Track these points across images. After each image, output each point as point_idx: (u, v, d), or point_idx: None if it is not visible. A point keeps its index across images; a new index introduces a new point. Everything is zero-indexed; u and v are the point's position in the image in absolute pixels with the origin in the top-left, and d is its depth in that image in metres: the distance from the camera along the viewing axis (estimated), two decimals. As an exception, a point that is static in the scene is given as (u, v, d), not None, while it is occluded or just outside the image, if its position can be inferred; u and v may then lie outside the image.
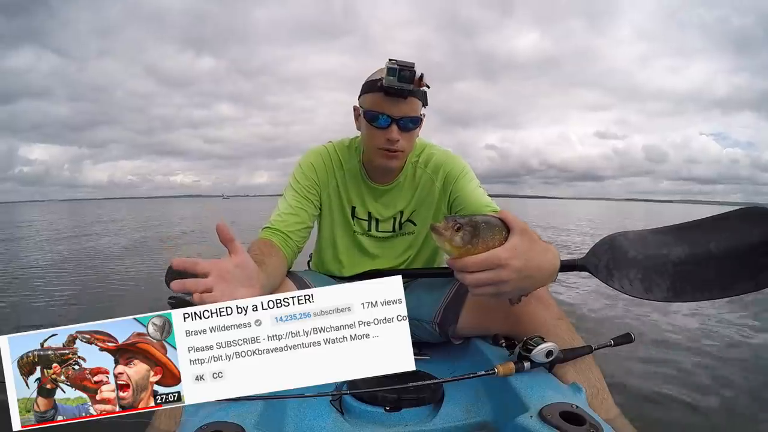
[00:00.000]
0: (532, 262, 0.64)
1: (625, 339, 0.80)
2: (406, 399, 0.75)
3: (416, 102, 0.93)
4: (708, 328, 1.77)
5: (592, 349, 0.76)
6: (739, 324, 1.80)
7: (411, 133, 0.95)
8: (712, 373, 1.32)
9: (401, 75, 0.86)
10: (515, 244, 0.63)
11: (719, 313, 1.97)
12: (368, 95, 0.94)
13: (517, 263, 0.62)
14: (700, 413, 1.09)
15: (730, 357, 1.46)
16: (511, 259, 0.61)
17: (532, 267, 0.64)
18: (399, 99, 0.90)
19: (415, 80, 0.87)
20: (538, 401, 0.62)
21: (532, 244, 0.65)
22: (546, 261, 0.67)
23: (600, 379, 0.77)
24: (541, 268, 0.66)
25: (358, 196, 1.07)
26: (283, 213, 0.99)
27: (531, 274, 0.64)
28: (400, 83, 0.86)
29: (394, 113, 0.91)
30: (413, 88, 0.88)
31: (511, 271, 0.61)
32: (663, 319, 1.93)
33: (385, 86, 0.88)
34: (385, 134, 0.93)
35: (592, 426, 0.56)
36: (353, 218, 1.08)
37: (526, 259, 0.63)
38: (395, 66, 0.85)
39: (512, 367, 0.68)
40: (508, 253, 0.61)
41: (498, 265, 0.61)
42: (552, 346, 0.70)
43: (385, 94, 0.89)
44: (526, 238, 0.64)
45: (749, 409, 1.10)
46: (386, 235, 1.09)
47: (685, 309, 2.02)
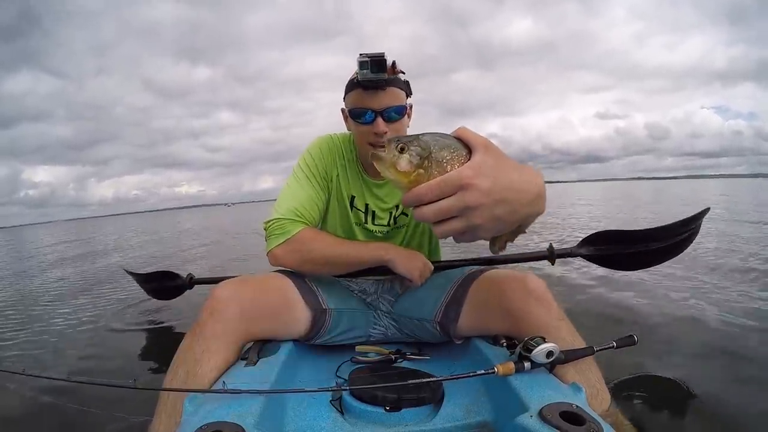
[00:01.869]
0: (505, 181, 0.49)
1: (628, 341, 0.79)
2: (406, 399, 0.75)
3: (397, 91, 0.93)
4: (715, 332, 1.76)
5: (593, 350, 0.76)
6: (745, 326, 1.79)
7: (397, 123, 0.95)
8: (714, 375, 1.31)
9: (373, 66, 0.87)
10: (479, 160, 0.49)
11: (725, 316, 1.95)
12: (350, 94, 0.96)
13: (485, 183, 0.47)
14: (701, 414, 1.08)
15: (735, 361, 1.45)
16: (476, 178, 0.47)
17: (507, 188, 0.49)
18: (378, 91, 0.91)
19: (388, 69, 0.88)
20: (538, 401, 0.62)
21: (500, 161, 0.50)
22: (524, 180, 0.52)
23: (600, 380, 0.77)
24: (519, 189, 0.51)
25: (357, 187, 1.08)
26: (305, 202, 1.01)
27: (505, 196, 0.49)
28: (374, 74, 0.87)
29: (376, 106, 0.92)
30: (388, 77, 0.89)
31: (479, 193, 0.47)
32: (668, 321, 1.92)
33: (361, 81, 0.89)
34: (371, 129, 0.94)
35: (592, 426, 0.55)
36: (352, 208, 1.09)
37: (496, 177, 0.48)
38: (366, 59, 0.86)
39: (512, 367, 0.68)
40: (471, 172, 0.47)
41: (460, 186, 0.46)
42: (553, 346, 0.70)
43: (364, 89, 0.91)
44: (492, 153, 0.50)
45: (752, 413, 1.09)
46: (382, 228, 1.09)
47: (691, 312, 2.00)
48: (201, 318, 0.81)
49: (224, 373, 0.78)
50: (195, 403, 0.66)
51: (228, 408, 0.62)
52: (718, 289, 2.39)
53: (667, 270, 2.72)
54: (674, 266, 2.74)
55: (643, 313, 2.05)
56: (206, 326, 0.80)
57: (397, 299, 1.07)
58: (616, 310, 2.11)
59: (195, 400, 0.66)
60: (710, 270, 2.87)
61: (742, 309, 2.07)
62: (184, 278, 1.82)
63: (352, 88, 0.94)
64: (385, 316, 1.07)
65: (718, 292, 2.31)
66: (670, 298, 2.26)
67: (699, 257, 3.15)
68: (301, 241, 0.96)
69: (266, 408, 0.65)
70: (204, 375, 0.75)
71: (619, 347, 0.78)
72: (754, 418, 1.06)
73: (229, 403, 0.63)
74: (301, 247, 0.96)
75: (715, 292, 2.35)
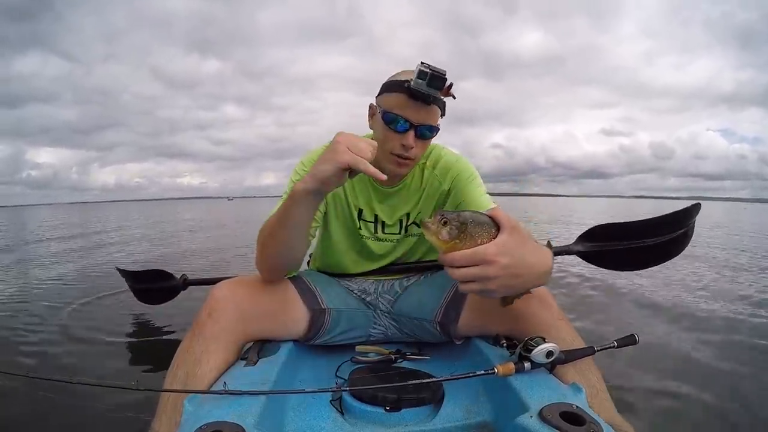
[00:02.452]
0: (521, 260, 0.63)
1: (628, 340, 0.79)
2: (406, 399, 0.75)
3: (437, 111, 0.89)
4: (715, 332, 1.75)
5: (594, 350, 0.76)
6: (747, 327, 1.78)
7: (426, 141, 0.92)
8: (716, 376, 1.31)
9: (432, 80, 0.81)
10: (503, 240, 0.62)
11: (727, 315, 1.95)
12: (390, 95, 0.88)
13: (504, 260, 0.61)
14: (702, 415, 1.08)
15: (736, 360, 1.45)
16: (498, 256, 0.61)
17: (521, 265, 0.63)
18: (423, 104, 0.85)
19: (444, 88, 0.83)
20: (538, 401, 0.62)
21: (521, 242, 0.64)
22: (537, 260, 0.66)
23: (600, 380, 0.76)
24: (531, 267, 0.65)
25: (365, 197, 1.05)
26: None
27: (519, 272, 0.63)
28: (428, 88, 0.82)
29: (415, 119, 0.86)
30: (440, 96, 0.85)
31: (498, 267, 0.61)
32: (670, 320, 1.92)
33: (412, 88, 0.82)
34: (401, 139, 0.88)
35: (591, 426, 0.55)
36: (360, 220, 1.06)
37: (515, 257, 0.62)
38: (427, 70, 0.80)
39: (512, 367, 0.68)
40: (495, 249, 0.61)
41: (484, 260, 0.60)
42: (553, 346, 0.69)
43: (410, 97, 0.84)
44: (516, 236, 0.63)
45: (753, 412, 1.09)
46: (393, 237, 1.08)
47: (693, 311, 2.00)
48: (200, 318, 0.81)
49: (224, 374, 0.78)
50: (195, 403, 0.66)
51: (228, 408, 0.62)
52: (720, 287, 2.38)
53: (666, 270, 2.72)
54: (675, 267, 2.74)
55: (643, 312, 2.04)
56: (205, 327, 0.80)
57: (397, 299, 1.07)
58: (617, 309, 2.10)
59: (195, 401, 0.66)
60: (710, 267, 2.87)
61: (743, 308, 2.07)
62: (177, 279, 1.77)
63: (396, 90, 0.87)
64: (385, 315, 1.07)
65: (718, 290, 2.30)
66: (670, 298, 2.25)
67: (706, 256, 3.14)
68: (258, 243, 0.87)
69: (266, 408, 0.65)
70: (204, 375, 0.75)
71: (620, 346, 0.77)
72: (753, 417, 1.06)
73: (229, 403, 0.63)
74: (258, 246, 0.87)
75: (716, 288, 2.34)
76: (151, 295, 1.91)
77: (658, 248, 1.24)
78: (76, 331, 2.05)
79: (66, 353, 1.72)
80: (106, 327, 2.12)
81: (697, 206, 1.29)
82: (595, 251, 1.30)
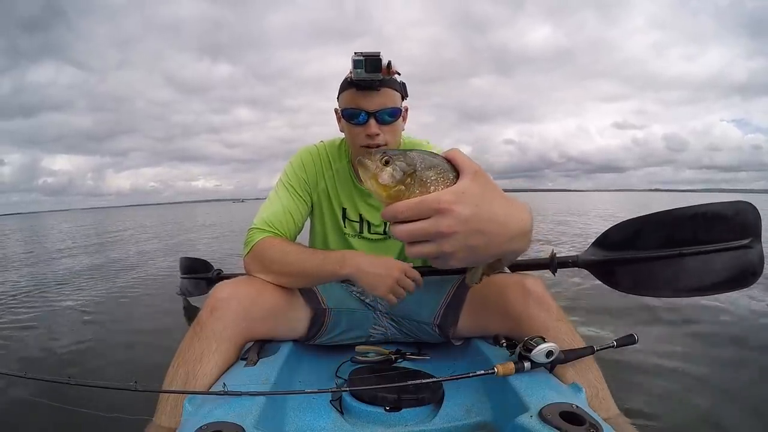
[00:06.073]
0: (486, 211, 0.46)
1: (628, 340, 0.79)
2: (406, 399, 0.75)
3: (391, 93, 0.90)
4: (716, 331, 1.75)
5: (594, 350, 0.76)
6: (749, 326, 1.79)
7: (391, 126, 0.92)
8: (717, 376, 1.31)
9: (368, 65, 0.83)
10: (464, 186, 0.46)
11: (728, 315, 1.95)
12: (343, 94, 0.93)
13: (463, 210, 0.44)
14: (702, 414, 1.08)
15: (737, 360, 1.45)
16: (455, 204, 0.44)
17: (487, 219, 0.46)
18: (372, 91, 0.88)
19: (383, 69, 0.85)
20: (538, 401, 0.62)
21: (487, 190, 0.47)
22: (508, 214, 0.49)
23: (600, 379, 0.76)
24: (501, 223, 0.48)
25: (349, 197, 1.06)
26: (279, 213, 0.99)
27: (483, 228, 0.46)
28: (368, 74, 0.84)
29: (369, 107, 0.89)
30: (383, 77, 0.86)
31: (455, 220, 0.44)
32: (670, 320, 1.92)
33: (354, 80, 0.86)
34: (364, 130, 0.91)
35: (591, 426, 0.55)
36: (344, 220, 1.07)
37: (477, 207, 0.45)
38: (360, 58, 0.83)
39: (512, 367, 0.68)
40: (451, 197, 0.45)
41: (437, 210, 0.44)
42: (552, 346, 0.69)
43: (357, 89, 0.88)
44: (481, 181, 0.47)
45: (753, 412, 1.09)
46: (378, 237, 1.08)
47: (693, 311, 2.00)
48: (201, 317, 0.81)
49: (224, 374, 0.78)
50: (195, 403, 0.66)
51: (228, 408, 0.62)
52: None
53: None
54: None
55: (643, 312, 2.04)
56: (206, 326, 0.80)
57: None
58: (616, 309, 2.10)
59: (195, 400, 0.66)
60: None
61: (745, 308, 2.07)
62: (212, 271, 1.80)
63: (345, 88, 0.92)
64: (384, 316, 1.07)
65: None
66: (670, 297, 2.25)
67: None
68: (260, 249, 0.92)
69: (266, 408, 0.65)
70: (204, 375, 0.75)
71: (619, 346, 0.77)
72: (754, 417, 1.06)
73: (229, 403, 0.63)
74: (261, 256, 0.92)
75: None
76: (193, 285, 1.93)
77: (710, 268, 0.86)
78: (75, 327, 2.05)
79: (66, 353, 1.72)
80: (106, 326, 2.12)
81: (747, 204, 0.91)
82: (611, 266, 0.98)
